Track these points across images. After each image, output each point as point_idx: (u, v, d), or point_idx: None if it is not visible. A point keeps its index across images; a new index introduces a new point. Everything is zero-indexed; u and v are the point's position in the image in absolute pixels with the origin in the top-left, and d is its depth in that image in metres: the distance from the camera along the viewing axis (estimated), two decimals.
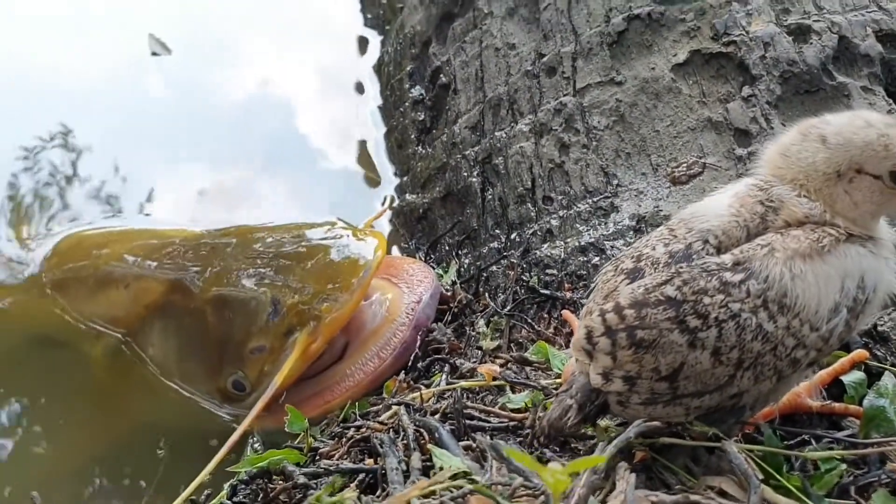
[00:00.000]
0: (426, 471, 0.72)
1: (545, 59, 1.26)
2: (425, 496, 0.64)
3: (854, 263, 0.71)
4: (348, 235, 1.19)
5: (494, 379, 0.90)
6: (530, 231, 1.17)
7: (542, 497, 0.60)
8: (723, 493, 0.67)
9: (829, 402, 0.86)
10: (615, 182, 1.13)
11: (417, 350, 1.08)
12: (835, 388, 0.87)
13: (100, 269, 1.32)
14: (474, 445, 0.76)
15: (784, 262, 0.69)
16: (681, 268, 0.71)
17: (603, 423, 0.79)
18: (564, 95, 1.21)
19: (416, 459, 0.71)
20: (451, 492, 0.59)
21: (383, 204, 1.53)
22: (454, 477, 0.68)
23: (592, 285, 0.77)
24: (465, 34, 1.41)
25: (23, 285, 1.40)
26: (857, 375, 0.86)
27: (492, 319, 1.10)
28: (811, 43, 1.12)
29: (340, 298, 1.07)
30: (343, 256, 1.15)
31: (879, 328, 0.91)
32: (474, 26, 1.39)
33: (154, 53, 1.91)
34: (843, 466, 0.74)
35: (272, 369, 1.07)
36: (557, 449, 0.79)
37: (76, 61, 1.97)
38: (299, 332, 1.07)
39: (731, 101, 1.11)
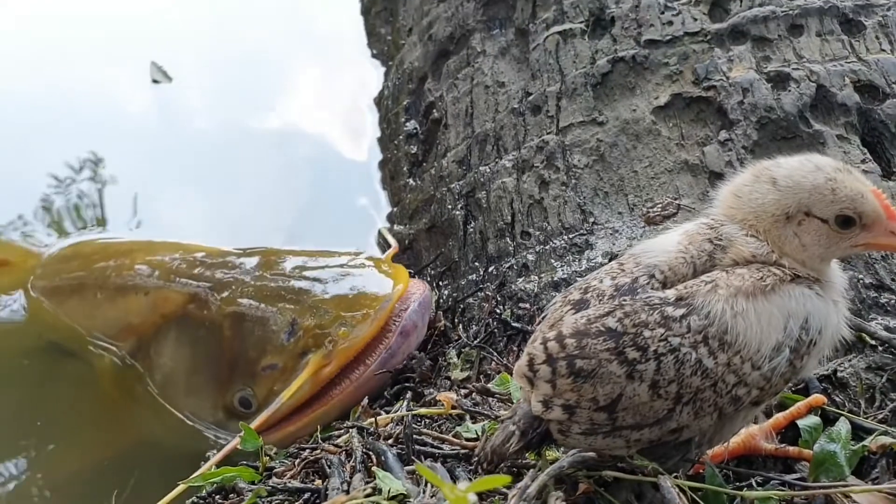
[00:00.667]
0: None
1: (531, 97, 1.29)
2: None
3: (798, 304, 0.72)
4: (371, 266, 1.22)
5: (453, 407, 0.91)
6: (507, 265, 1.18)
7: None
8: None
9: (783, 445, 0.86)
10: (591, 220, 1.14)
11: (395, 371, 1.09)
12: (791, 432, 0.87)
13: (121, 274, 1.35)
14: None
15: (727, 299, 0.70)
16: (624, 300, 0.72)
17: (552, 454, 0.80)
18: (547, 133, 1.24)
19: (357, 480, 0.72)
20: None
21: (379, 237, 1.54)
22: (393, 497, 0.69)
23: (543, 315, 0.78)
24: (458, 71, 1.44)
25: (42, 288, 1.44)
26: (813, 420, 0.86)
27: (463, 350, 1.11)
28: (789, 90, 1.14)
29: (358, 326, 1.09)
30: (364, 286, 1.17)
31: (839, 374, 0.91)
32: (467, 64, 1.43)
33: (155, 81, 1.97)
34: None
35: (282, 389, 1.08)
36: None
37: (106, 86, 2.04)
38: (313, 354, 1.08)
39: (709, 145, 1.12)
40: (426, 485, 0.69)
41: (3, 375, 1.41)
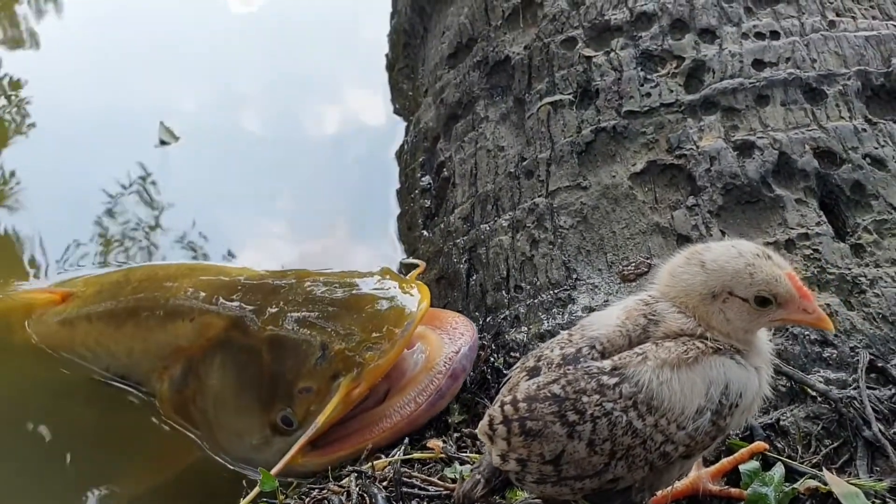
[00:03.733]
0: None
1: (525, 162, 1.43)
2: None
3: (719, 373, 0.84)
4: (395, 287, 1.30)
5: (442, 452, 1.06)
6: (502, 316, 1.32)
7: None
8: None
9: (727, 487, 0.98)
10: (574, 276, 1.28)
11: None
12: (736, 475, 0.99)
13: (169, 300, 1.44)
14: None
15: (653, 369, 0.83)
16: (568, 370, 0.85)
17: (521, 494, 0.95)
18: (538, 196, 1.38)
19: None
20: None
21: (401, 266, 1.68)
22: None
23: (506, 378, 0.92)
24: (465, 134, 1.59)
25: (100, 314, 1.53)
26: (753, 465, 0.98)
27: (461, 395, 1.25)
28: (753, 158, 1.25)
29: (383, 347, 1.18)
30: (389, 307, 1.26)
31: (781, 423, 1.03)
32: (472, 128, 1.58)
33: (163, 142, 2.15)
34: None
35: (318, 409, 1.18)
36: None
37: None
38: (344, 377, 1.18)
39: (678, 209, 1.25)
40: None
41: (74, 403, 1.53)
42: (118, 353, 1.49)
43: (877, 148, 1.24)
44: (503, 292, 1.35)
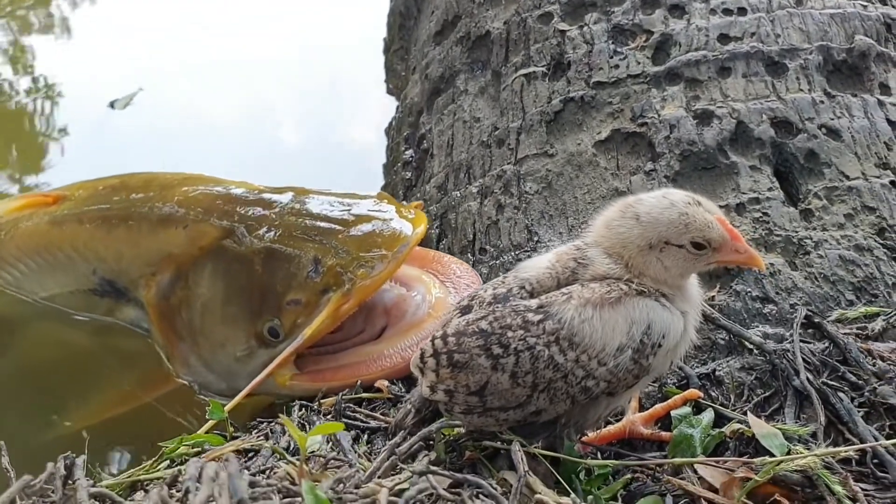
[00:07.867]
0: (295, 451, 0.94)
1: (497, 132, 1.48)
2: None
3: (642, 314, 0.88)
4: (392, 210, 1.32)
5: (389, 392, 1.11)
6: None
7: (347, 466, 0.80)
8: (502, 482, 0.85)
9: (658, 430, 1.02)
10: (536, 239, 1.32)
11: None
12: (669, 422, 1.03)
13: (164, 207, 1.43)
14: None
15: (576, 308, 0.87)
16: (496, 307, 0.90)
17: None
18: (507, 164, 1.42)
19: (283, 441, 0.93)
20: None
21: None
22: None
23: (442, 317, 0.97)
24: (445, 107, 1.64)
25: (92, 217, 1.51)
26: (685, 410, 1.02)
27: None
28: (712, 126, 1.29)
29: (376, 266, 1.19)
30: (385, 228, 1.27)
31: (717, 373, 1.06)
32: (452, 101, 1.62)
33: (112, 105, 2.24)
34: (628, 476, 0.91)
35: (305, 322, 1.20)
36: None
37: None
38: (334, 292, 1.20)
39: (636, 175, 1.29)
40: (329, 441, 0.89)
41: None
42: (107, 256, 1.48)
43: (833, 119, 1.27)
44: (469, 255, 1.40)
